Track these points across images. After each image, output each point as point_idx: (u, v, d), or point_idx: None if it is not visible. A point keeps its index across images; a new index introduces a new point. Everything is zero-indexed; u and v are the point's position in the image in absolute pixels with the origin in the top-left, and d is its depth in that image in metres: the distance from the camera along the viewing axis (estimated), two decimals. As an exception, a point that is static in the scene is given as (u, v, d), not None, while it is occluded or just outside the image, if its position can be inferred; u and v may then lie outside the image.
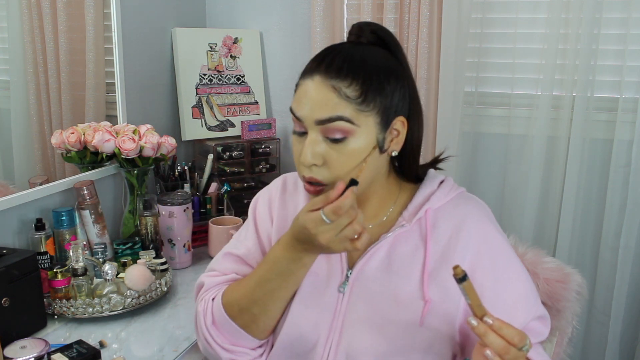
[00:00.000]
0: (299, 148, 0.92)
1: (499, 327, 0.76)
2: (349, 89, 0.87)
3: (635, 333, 1.81)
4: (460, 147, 1.85)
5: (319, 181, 0.90)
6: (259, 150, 1.99)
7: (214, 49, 2.01)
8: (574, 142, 1.73)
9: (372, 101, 0.88)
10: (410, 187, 1.02)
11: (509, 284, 0.95)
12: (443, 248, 0.95)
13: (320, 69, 0.89)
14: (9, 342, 1.09)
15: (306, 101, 0.89)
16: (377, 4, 1.84)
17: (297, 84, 0.94)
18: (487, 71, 1.87)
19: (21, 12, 1.46)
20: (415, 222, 0.97)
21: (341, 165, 0.89)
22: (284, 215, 1.07)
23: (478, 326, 0.76)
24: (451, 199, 0.99)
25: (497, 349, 0.76)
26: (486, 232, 0.96)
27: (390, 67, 0.92)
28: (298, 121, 0.91)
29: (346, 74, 0.87)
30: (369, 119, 0.89)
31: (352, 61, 0.89)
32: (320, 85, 0.88)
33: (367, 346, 0.94)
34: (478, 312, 0.78)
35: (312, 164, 0.89)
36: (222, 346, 1.00)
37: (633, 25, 1.67)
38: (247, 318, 0.98)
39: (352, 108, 0.87)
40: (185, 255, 1.60)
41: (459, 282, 0.76)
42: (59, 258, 1.41)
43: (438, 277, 0.93)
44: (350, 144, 0.88)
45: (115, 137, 1.53)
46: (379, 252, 0.97)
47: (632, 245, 1.74)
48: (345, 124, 0.87)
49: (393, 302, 0.94)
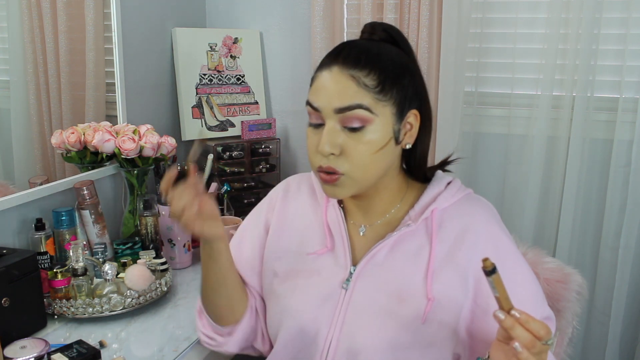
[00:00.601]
0: (315, 140, 0.92)
1: (525, 321, 0.76)
2: (367, 78, 0.88)
3: (635, 333, 1.81)
4: (460, 147, 1.85)
5: (336, 170, 0.91)
6: (259, 150, 1.99)
7: (214, 49, 2.01)
8: (574, 142, 1.73)
9: (389, 91, 0.90)
10: (418, 186, 1.03)
11: (516, 286, 0.94)
12: (449, 248, 0.95)
13: (338, 60, 0.90)
14: (9, 342, 1.09)
15: (324, 91, 0.90)
16: (377, 4, 1.84)
17: (312, 77, 0.95)
18: (487, 71, 1.86)
19: (21, 12, 1.46)
20: (421, 221, 0.97)
21: (359, 155, 0.90)
22: (283, 214, 1.08)
23: (505, 319, 0.76)
24: (458, 199, 0.99)
25: (524, 342, 0.75)
26: (493, 234, 0.97)
27: (404, 62, 0.94)
28: (315, 112, 0.92)
29: (364, 64, 0.89)
30: (386, 109, 0.90)
31: (369, 53, 0.91)
32: (338, 75, 0.89)
33: (369, 341, 0.94)
34: (505, 306, 0.77)
35: (330, 153, 0.90)
36: (202, 330, 1.10)
37: (633, 25, 1.67)
38: (207, 306, 1.06)
39: (370, 97, 0.88)
40: (185, 255, 1.60)
41: (488, 275, 0.76)
42: (59, 258, 1.41)
43: (442, 277, 0.93)
44: (368, 133, 0.89)
45: (115, 137, 1.53)
46: (383, 249, 0.97)
47: (632, 245, 1.74)
48: (364, 112, 0.88)
49: (396, 299, 0.94)
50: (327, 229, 1.02)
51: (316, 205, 1.06)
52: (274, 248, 1.07)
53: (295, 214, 1.07)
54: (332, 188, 0.93)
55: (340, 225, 1.01)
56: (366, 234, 1.02)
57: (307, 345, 0.98)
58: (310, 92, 0.93)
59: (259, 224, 1.11)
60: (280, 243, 1.07)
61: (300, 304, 1.00)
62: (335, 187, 0.93)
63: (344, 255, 0.99)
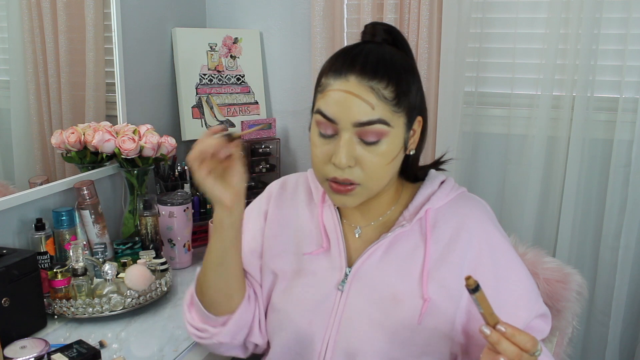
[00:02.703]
0: (325, 150, 0.90)
1: (511, 335, 0.77)
2: (386, 90, 0.87)
3: (635, 333, 1.81)
4: (460, 147, 1.85)
5: (352, 182, 0.90)
6: (259, 150, 1.99)
7: (214, 49, 2.01)
8: (574, 142, 1.73)
9: (403, 102, 0.89)
10: (411, 186, 1.03)
11: (511, 283, 0.95)
12: (443, 248, 0.95)
13: (355, 69, 0.87)
14: (9, 342, 1.09)
15: (343, 104, 0.87)
16: (377, 4, 1.84)
17: (321, 83, 0.92)
18: (487, 71, 1.86)
19: (21, 12, 1.46)
20: (415, 221, 0.97)
21: (374, 167, 0.89)
22: (278, 214, 1.07)
23: (491, 334, 0.77)
24: (452, 199, 1.00)
25: (510, 356, 0.76)
26: (487, 232, 0.97)
27: (411, 66, 0.93)
28: (330, 123, 0.89)
29: (382, 75, 0.87)
30: (400, 120, 0.90)
31: (384, 61, 0.89)
32: (357, 87, 0.87)
33: (366, 344, 0.94)
34: (491, 321, 0.78)
35: (347, 166, 0.89)
36: (190, 322, 1.04)
37: (633, 25, 1.67)
38: (205, 296, 1.01)
39: (388, 109, 0.87)
40: (185, 255, 1.60)
41: (472, 293, 0.77)
42: (59, 258, 1.41)
43: (437, 276, 0.94)
44: (383, 145, 0.89)
45: (115, 137, 1.53)
46: (379, 250, 0.97)
47: (632, 245, 1.74)
48: (383, 126, 0.87)
49: (392, 300, 0.94)
50: (323, 229, 1.02)
51: (312, 205, 1.06)
52: (272, 247, 1.07)
53: (292, 214, 1.07)
54: (343, 197, 0.92)
55: (336, 227, 1.01)
56: (362, 235, 1.02)
57: (304, 349, 0.98)
58: (322, 102, 0.90)
59: (259, 215, 1.09)
60: (277, 243, 1.06)
61: (295, 308, 0.99)
62: (347, 197, 0.92)
63: (339, 257, 0.99)
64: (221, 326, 1.02)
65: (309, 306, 0.98)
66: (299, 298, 1.00)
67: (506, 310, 0.92)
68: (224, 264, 0.98)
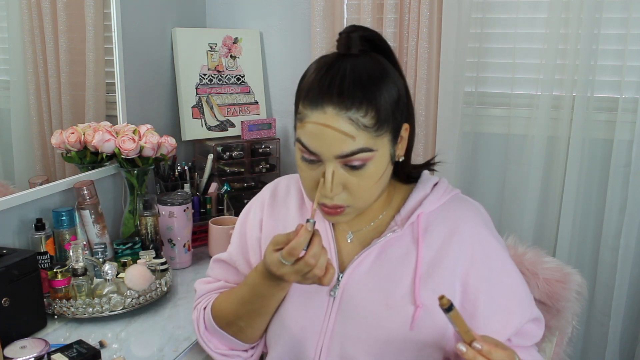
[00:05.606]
0: (312, 174, 0.90)
1: (487, 352, 0.78)
2: (365, 118, 0.84)
3: (635, 333, 1.81)
4: (460, 147, 1.85)
5: (342, 206, 0.90)
6: (259, 150, 1.99)
7: (214, 49, 2.01)
8: (574, 142, 1.73)
9: (385, 124, 0.86)
10: (403, 188, 1.02)
11: (504, 288, 0.95)
12: (435, 252, 0.94)
13: (332, 99, 0.84)
14: (9, 342, 1.09)
15: (322, 138, 0.85)
16: (377, 4, 1.84)
17: (299, 111, 0.89)
18: (487, 71, 1.87)
19: (21, 12, 1.46)
20: (407, 226, 0.96)
21: (362, 189, 0.89)
22: (272, 222, 1.06)
23: (467, 352, 0.79)
24: (444, 202, 0.98)
25: None
26: (479, 236, 0.96)
27: (391, 78, 0.88)
28: (311, 153, 0.87)
29: (360, 102, 0.83)
30: (384, 140, 0.88)
31: (361, 84, 0.84)
32: (335, 119, 0.83)
33: (360, 350, 0.94)
34: (466, 338, 0.80)
35: (335, 194, 0.88)
36: (216, 351, 1.05)
37: (633, 25, 1.67)
38: (235, 329, 1.02)
39: (370, 136, 0.85)
40: (185, 255, 1.60)
41: (446, 312, 0.78)
42: (59, 258, 1.41)
43: (430, 282, 0.93)
44: (370, 167, 0.87)
45: (115, 137, 1.53)
46: (370, 256, 0.96)
47: (632, 245, 1.74)
48: (367, 153, 0.86)
49: (384, 306, 0.93)
50: None
51: (304, 210, 1.05)
52: None
53: (285, 219, 1.05)
54: (334, 217, 0.93)
55: (328, 232, 1.00)
56: (353, 241, 1.01)
57: (299, 355, 0.98)
58: (302, 133, 0.87)
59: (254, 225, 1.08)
60: None
61: (289, 315, 0.99)
62: (338, 217, 0.92)
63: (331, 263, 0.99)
64: (252, 349, 1.06)
65: (301, 312, 0.98)
66: (291, 306, 0.99)
67: (499, 315, 0.92)
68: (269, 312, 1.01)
